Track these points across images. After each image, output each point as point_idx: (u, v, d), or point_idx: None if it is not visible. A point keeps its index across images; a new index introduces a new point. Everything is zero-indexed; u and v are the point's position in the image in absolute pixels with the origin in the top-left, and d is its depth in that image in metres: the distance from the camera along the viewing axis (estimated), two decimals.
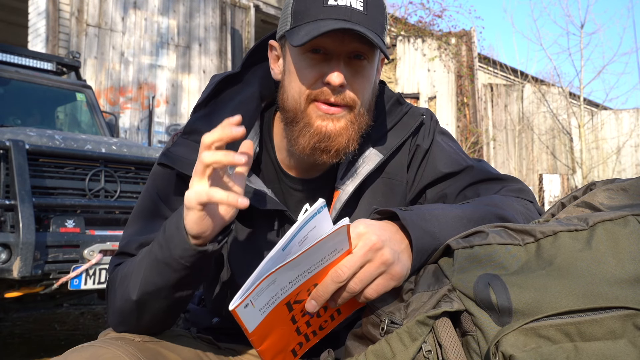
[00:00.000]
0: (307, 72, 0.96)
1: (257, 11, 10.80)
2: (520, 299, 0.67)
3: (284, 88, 1.02)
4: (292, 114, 0.99)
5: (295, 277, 0.74)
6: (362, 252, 0.76)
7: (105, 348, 0.85)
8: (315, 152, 0.98)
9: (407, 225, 0.80)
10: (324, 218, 0.76)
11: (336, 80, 0.93)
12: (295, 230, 0.73)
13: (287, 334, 0.81)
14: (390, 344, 0.74)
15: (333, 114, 0.97)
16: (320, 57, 0.96)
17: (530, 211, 1.00)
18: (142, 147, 3.91)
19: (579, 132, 14.03)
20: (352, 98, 0.97)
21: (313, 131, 0.97)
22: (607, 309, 0.65)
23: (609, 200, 0.78)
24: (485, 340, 0.69)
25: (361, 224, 0.78)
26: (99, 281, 3.22)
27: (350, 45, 0.95)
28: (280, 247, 0.72)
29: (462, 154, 1.14)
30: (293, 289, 0.75)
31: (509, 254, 0.72)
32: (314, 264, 0.75)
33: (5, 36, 11.30)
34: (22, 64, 4.78)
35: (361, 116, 1.00)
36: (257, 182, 1.03)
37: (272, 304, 0.75)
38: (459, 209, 0.90)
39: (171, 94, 9.38)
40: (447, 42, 12.63)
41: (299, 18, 0.95)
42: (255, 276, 0.71)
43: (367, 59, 0.98)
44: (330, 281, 0.76)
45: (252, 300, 0.71)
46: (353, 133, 0.99)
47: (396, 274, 0.78)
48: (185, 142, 1.03)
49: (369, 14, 0.94)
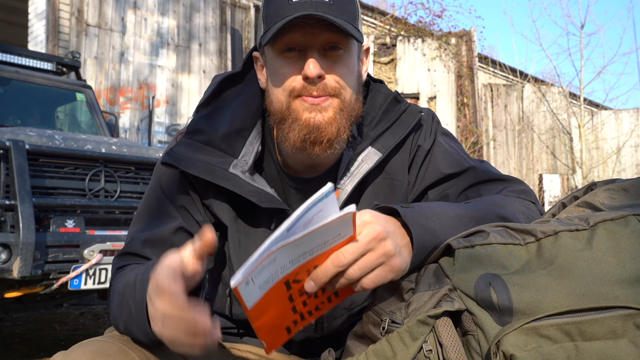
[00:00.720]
0: (286, 71, 0.97)
1: (257, 11, 10.81)
2: (521, 299, 0.67)
3: (268, 93, 1.03)
4: (280, 114, 1.00)
5: (296, 257, 0.74)
6: (365, 240, 0.76)
7: (112, 343, 0.86)
8: (305, 144, 0.98)
9: (408, 222, 0.80)
10: (331, 202, 0.75)
11: (313, 71, 0.93)
12: (302, 212, 0.73)
13: (283, 311, 0.81)
14: (391, 343, 0.74)
15: (319, 104, 0.97)
16: (295, 55, 0.97)
17: (532, 212, 1.00)
18: (142, 147, 3.91)
19: (579, 132, 14.03)
20: (333, 87, 0.97)
21: (302, 124, 0.97)
22: (607, 308, 0.65)
23: (609, 200, 0.79)
24: (486, 340, 0.69)
25: (367, 213, 0.79)
26: (99, 281, 3.22)
27: (321, 37, 0.95)
28: (285, 229, 0.72)
29: (464, 154, 1.13)
30: (293, 269, 0.76)
31: (509, 253, 0.72)
32: (316, 246, 0.75)
33: (5, 36, 11.30)
34: (22, 64, 4.77)
35: (348, 104, 1.00)
36: (260, 181, 1.03)
37: (271, 281, 0.75)
38: (460, 207, 0.90)
39: (171, 94, 9.38)
40: (447, 42, 12.62)
41: (269, 21, 0.96)
42: (258, 254, 0.71)
43: (343, 49, 0.98)
44: (330, 264, 0.76)
45: (253, 277, 0.71)
46: (343, 120, 0.99)
47: (395, 267, 0.77)
48: (188, 142, 1.03)
49: (336, 3, 0.94)
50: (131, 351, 0.85)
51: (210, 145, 1.03)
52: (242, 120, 1.06)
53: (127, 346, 0.86)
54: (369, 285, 0.78)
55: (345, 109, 0.99)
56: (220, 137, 1.03)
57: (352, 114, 1.01)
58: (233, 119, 1.05)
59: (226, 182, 0.99)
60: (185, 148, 1.02)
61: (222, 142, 1.03)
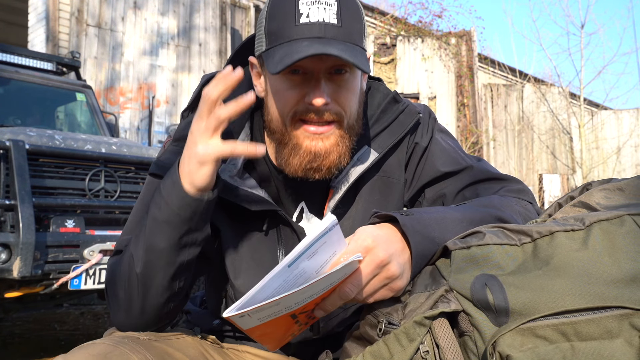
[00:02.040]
0: (289, 94, 0.95)
1: (257, 11, 10.80)
2: (517, 299, 0.67)
3: (267, 109, 1.02)
4: (279, 135, 0.99)
5: (302, 299, 0.74)
6: (369, 269, 0.77)
7: (113, 346, 0.85)
8: (307, 172, 0.98)
9: (407, 232, 0.80)
10: (336, 233, 0.75)
11: (319, 102, 0.92)
12: (305, 247, 0.72)
13: (285, 326, 0.81)
14: (387, 345, 0.74)
15: (322, 134, 0.96)
16: (299, 78, 0.94)
17: (529, 212, 1.00)
18: (142, 147, 3.91)
19: (579, 132, 14.02)
20: (337, 112, 0.96)
21: (303, 151, 0.96)
22: (603, 308, 0.65)
23: (605, 200, 0.79)
24: (482, 341, 0.69)
25: (369, 237, 0.79)
26: (99, 281, 3.22)
27: (328, 61, 0.93)
28: (286, 264, 0.71)
29: (462, 152, 1.13)
30: (299, 307, 0.76)
31: (505, 254, 0.72)
32: (323, 288, 0.75)
33: (5, 36, 11.29)
34: (22, 64, 4.77)
35: (350, 129, 0.99)
36: (249, 182, 1.02)
37: (273, 316, 0.75)
38: (458, 212, 0.90)
39: (171, 94, 9.37)
40: (447, 42, 12.61)
41: (272, 39, 0.94)
42: (257, 292, 0.70)
43: (349, 72, 0.96)
44: (337, 298, 0.79)
45: (251, 314, 0.71)
46: (344, 148, 0.98)
47: (397, 288, 0.80)
48: (175, 150, 1.02)
49: (344, 25, 0.92)
50: (132, 354, 0.85)
51: None
52: (229, 123, 1.05)
53: (128, 349, 0.85)
54: (370, 302, 0.81)
55: (346, 136, 0.98)
56: None
57: (352, 135, 1.00)
58: None
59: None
60: (173, 156, 1.00)
61: None
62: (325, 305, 0.80)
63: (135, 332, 0.94)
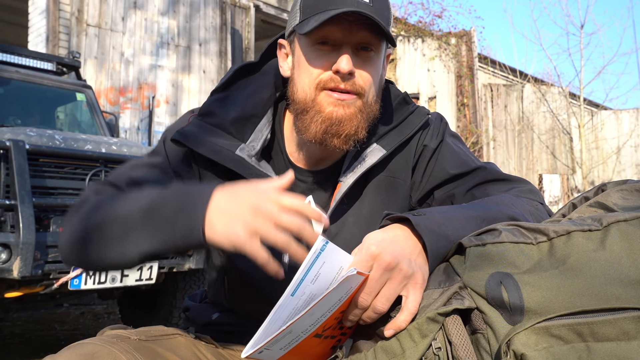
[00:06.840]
0: (317, 63, 0.99)
1: (257, 11, 10.80)
2: (533, 298, 0.66)
3: (293, 81, 1.05)
4: (303, 104, 1.01)
5: (315, 320, 0.73)
6: (378, 275, 0.76)
7: (102, 346, 0.85)
8: (326, 136, 1.00)
9: (421, 231, 0.79)
10: (331, 251, 0.73)
11: (345, 66, 0.96)
12: (302, 274, 0.70)
13: (314, 348, 0.80)
14: (399, 341, 0.74)
15: (344, 100, 0.99)
16: (328, 48, 0.99)
17: (540, 212, 0.99)
18: (142, 147, 3.90)
19: (579, 132, 14.03)
20: (360, 86, 0.99)
21: (324, 116, 0.99)
22: (620, 309, 0.64)
23: (622, 200, 0.78)
24: (495, 339, 0.68)
25: (373, 245, 0.77)
26: (99, 281, 3.21)
27: (358, 35, 0.97)
28: (289, 293, 0.70)
29: (472, 156, 1.14)
30: (317, 327, 0.74)
31: (521, 252, 0.71)
32: (332, 305, 0.73)
33: (5, 36, 11.29)
34: (22, 64, 4.76)
35: (369, 105, 1.03)
36: (266, 167, 1.06)
37: (295, 343, 0.74)
38: (471, 209, 0.89)
39: (171, 94, 9.37)
40: (447, 42, 12.62)
41: (307, 12, 0.98)
42: (267, 325, 0.69)
43: (374, 50, 1.00)
44: (356, 309, 0.78)
45: (267, 347, 0.70)
46: (362, 120, 1.01)
47: (419, 281, 0.77)
48: (199, 123, 1.06)
49: (375, 6, 0.96)
50: (121, 354, 0.84)
51: (220, 128, 1.05)
52: (253, 107, 1.08)
53: (117, 349, 0.85)
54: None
55: (365, 111, 1.02)
56: (230, 120, 1.05)
57: (370, 115, 1.03)
58: (245, 105, 1.08)
59: (232, 163, 1.01)
60: (197, 129, 1.04)
61: (231, 126, 1.05)
62: (348, 317, 0.79)
63: (126, 332, 0.93)
